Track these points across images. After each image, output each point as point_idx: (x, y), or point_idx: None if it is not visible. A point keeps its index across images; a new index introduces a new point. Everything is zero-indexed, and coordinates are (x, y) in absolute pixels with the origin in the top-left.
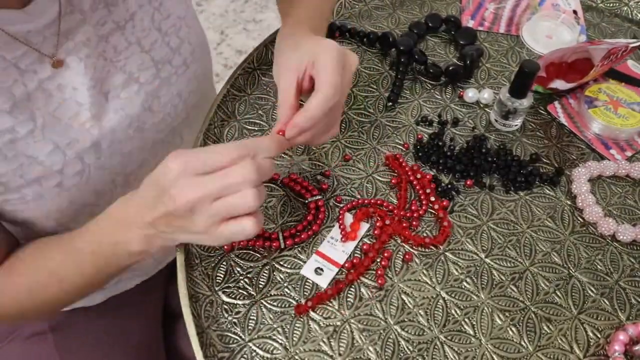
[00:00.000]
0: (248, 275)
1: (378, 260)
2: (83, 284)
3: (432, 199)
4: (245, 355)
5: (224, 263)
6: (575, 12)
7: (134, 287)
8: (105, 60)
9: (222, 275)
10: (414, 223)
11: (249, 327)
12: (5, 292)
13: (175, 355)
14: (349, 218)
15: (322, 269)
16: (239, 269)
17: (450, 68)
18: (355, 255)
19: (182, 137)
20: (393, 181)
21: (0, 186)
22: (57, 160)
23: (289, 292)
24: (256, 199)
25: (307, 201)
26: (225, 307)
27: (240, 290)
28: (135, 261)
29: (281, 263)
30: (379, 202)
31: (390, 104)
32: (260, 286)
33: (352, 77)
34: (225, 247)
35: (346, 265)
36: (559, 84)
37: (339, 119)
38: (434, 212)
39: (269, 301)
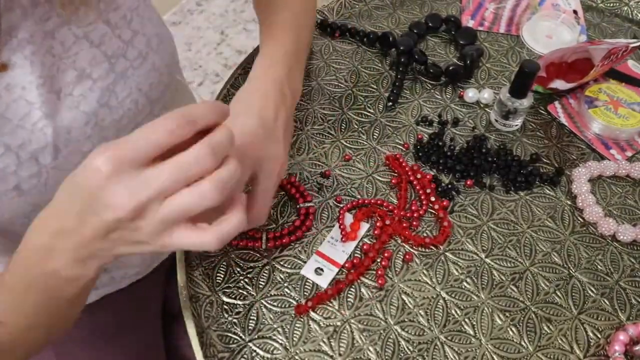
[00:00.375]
0: (248, 275)
1: (378, 260)
2: (30, 326)
3: (433, 198)
4: (245, 355)
5: (224, 263)
6: (575, 12)
7: (131, 286)
8: (53, 56)
9: (222, 275)
10: (414, 223)
11: (249, 327)
12: None
13: (175, 356)
14: (349, 218)
15: (322, 269)
16: (239, 269)
17: (450, 68)
18: (356, 255)
19: None
20: (393, 181)
21: None
22: (10, 162)
23: (289, 292)
24: (216, 192)
25: (298, 206)
26: (225, 307)
27: (240, 290)
28: (81, 287)
29: (281, 263)
30: (378, 202)
31: (390, 104)
32: (260, 286)
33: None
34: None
35: (346, 265)
36: (559, 84)
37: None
38: (434, 212)
39: (269, 301)
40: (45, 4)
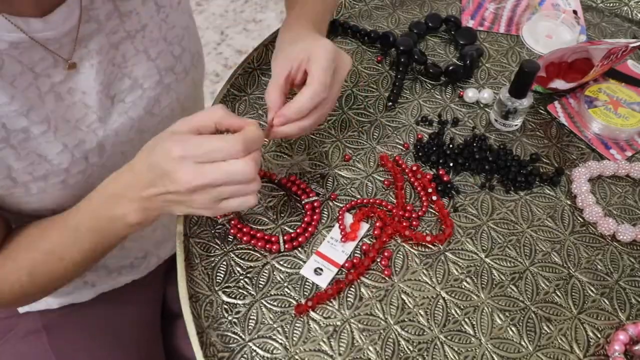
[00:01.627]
0: (248, 275)
1: (378, 260)
2: (83, 260)
3: (434, 198)
4: (245, 355)
5: (224, 263)
6: (575, 12)
7: (128, 286)
8: (113, 65)
9: (222, 275)
10: (414, 223)
11: (249, 327)
12: (6, 277)
13: (175, 356)
14: (348, 218)
15: (321, 269)
16: (239, 269)
17: (450, 68)
18: (355, 255)
19: None
20: (386, 183)
21: (9, 180)
22: (64, 160)
23: (289, 292)
24: (256, 186)
25: (303, 202)
26: (225, 307)
27: (240, 290)
28: (133, 231)
29: (281, 263)
30: (377, 201)
31: (390, 104)
32: (260, 286)
33: (344, 78)
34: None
35: (346, 265)
36: (559, 84)
37: (326, 115)
38: (434, 211)
39: (269, 301)
40: (116, 19)
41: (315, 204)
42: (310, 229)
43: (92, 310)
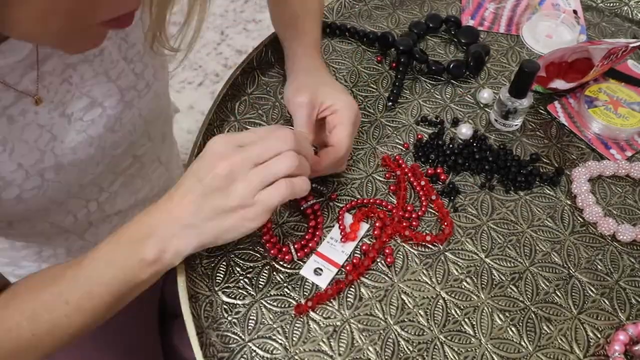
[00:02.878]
0: (248, 275)
1: (378, 260)
2: (91, 310)
3: (433, 198)
4: (245, 355)
5: (224, 263)
6: (575, 11)
7: None
8: (70, 84)
9: (222, 275)
10: (414, 223)
11: (249, 327)
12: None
13: (174, 356)
14: (348, 218)
15: (321, 270)
16: (238, 269)
17: (452, 65)
18: (355, 255)
19: (139, 147)
20: (392, 188)
21: None
22: (17, 177)
23: (288, 292)
24: (295, 158)
25: (302, 208)
26: (225, 307)
27: (240, 290)
28: (153, 276)
29: (281, 263)
30: (377, 201)
31: (390, 104)
32: (260, 286)
33: (356, 133)
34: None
35: (346, 266)
36: (559, 84)
37: (346, 162)
38: (434, 211)
39: (268, 301)
40: None
41: (315, 207)
42: (318, 233)
43: None
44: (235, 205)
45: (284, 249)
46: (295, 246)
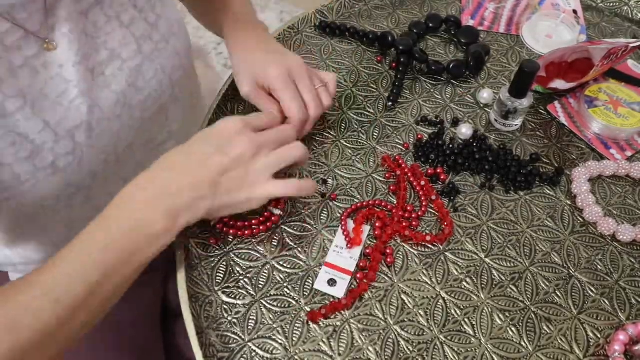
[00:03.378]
0: (248, 275)
1: (383, 260)
2: (85, 302)
3: (433, 197)
4: (245, 356)
5: (224, 263)
6: (575, 11)
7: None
8: (87, 36)
9: (222, 275)
10: (414, 223)
11: (249, 327)
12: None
13: (175, 355)
14: (349, 223)
15: (334, 280)
16: (238, 269)
17: (452, 65)
18: (364, 258)
19: (168, 115)
20: (392, 188)
21: None
22: (48, 139)
23: (288, 292)
24: (302, 149)
25: (268, 209)
26: (225, 307)
27: (240, 290)
28: (158, 250)
29: (281, 263)
30: (377, 202)
31: (390, 103)
32: (260, 286)
33: (303, 72)
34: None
35: (357, 274)
36: (559, 84)
37: (312, 118)
38: (434, 211)
39: (268, 301)
40: None
41: (274, 218)
42: (255, 230)
43: None
44: (251, 181)
45: (265, 214)
46: (272, 204)
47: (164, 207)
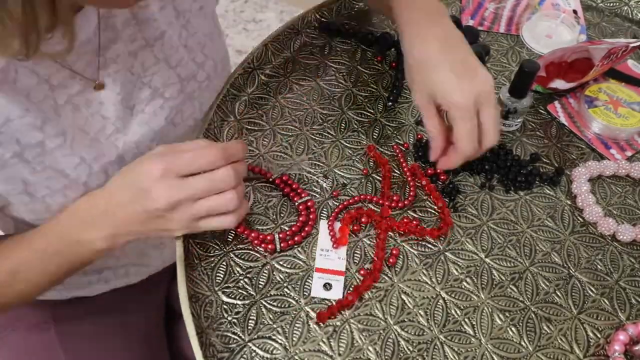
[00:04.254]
0: (248, 275)
1: (386, 257)
2: (46, 282)
3: (432, 197)
4: (245, 356)
5: (224, 263)
6: (575, 11)
7: (135, 286)
8: (132, 75)
9: (221, 275)
10: (407, 219)
11: (249, 327)
12: None
13: (178, 355)
14: (336, 224)
15: (329, 284)
16: (238, 269)
17: None
18: (356, 254)
19: None
20: (364, 171)
21: (26, 196)
22: (82, 174)
23: (288, 292)
24: (237, 201)
25: (296, 203)
26: (225, 307)
27: (240, 290)
28: (100, 256)
29: (281, 263)
30: (362, 197)
31: (390, 103)
32: (260, 286)
33: (490, 99)
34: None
35: (360, 270)
36: (559, 84)
37: (479, 148)
38: (434, 211)
39: (268, 301)
40: (134, 26)
41: (309, 204)
42: (307, 229)
43: (99, 304)
44: (175, 228)
45: (268, 238)
46: (280, 236)
47: (109, 232)
